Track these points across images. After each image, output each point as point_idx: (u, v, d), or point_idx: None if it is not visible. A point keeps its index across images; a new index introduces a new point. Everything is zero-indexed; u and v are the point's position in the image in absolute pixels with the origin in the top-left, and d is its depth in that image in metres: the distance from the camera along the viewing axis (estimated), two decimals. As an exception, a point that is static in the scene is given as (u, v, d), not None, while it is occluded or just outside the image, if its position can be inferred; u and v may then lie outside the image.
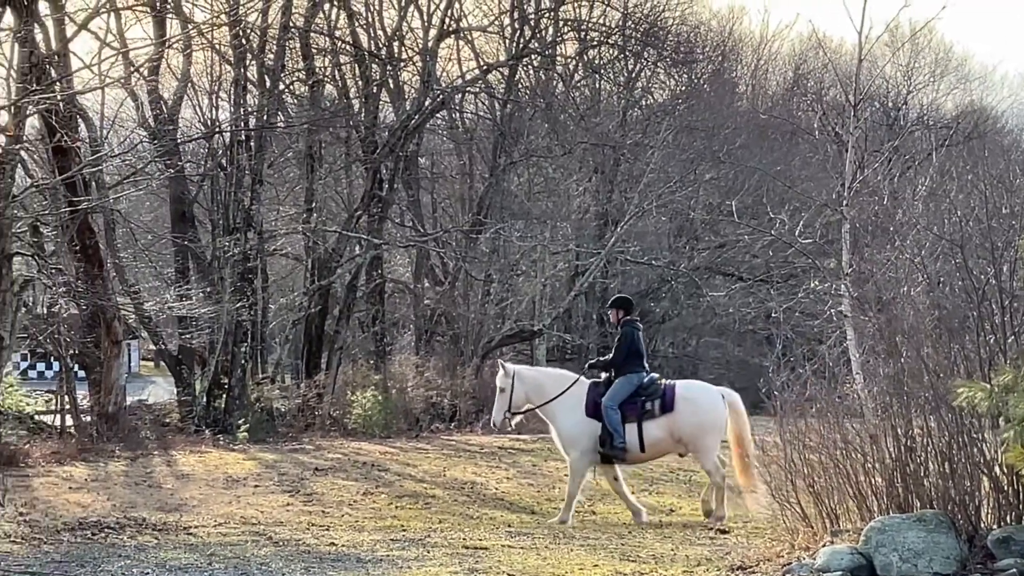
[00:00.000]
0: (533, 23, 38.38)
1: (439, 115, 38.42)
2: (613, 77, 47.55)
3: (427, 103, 34.95)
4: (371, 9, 35.96)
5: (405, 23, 36.50)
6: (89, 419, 26.58)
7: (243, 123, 30.44)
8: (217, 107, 32.16)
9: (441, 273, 38.82)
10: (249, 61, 30.56)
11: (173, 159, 30.17)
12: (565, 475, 20.40)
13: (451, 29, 37.14)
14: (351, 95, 36.18)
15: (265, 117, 30.76)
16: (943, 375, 11.66)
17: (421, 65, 35.60)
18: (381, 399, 30.49)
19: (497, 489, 20.42)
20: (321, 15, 34.37)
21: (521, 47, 37.90)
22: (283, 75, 32.37)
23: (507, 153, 37.70)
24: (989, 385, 10.48)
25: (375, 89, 35.49)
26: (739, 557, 12.28)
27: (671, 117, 44.06)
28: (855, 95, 31.89)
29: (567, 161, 40.72)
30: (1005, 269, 12.55)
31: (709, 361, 55.28)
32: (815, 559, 11.09)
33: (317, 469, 22.20)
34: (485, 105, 40.67)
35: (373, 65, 35.33)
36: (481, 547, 13.45)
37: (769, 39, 59.73)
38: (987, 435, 11.36)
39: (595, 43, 42.98)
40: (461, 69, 39.78)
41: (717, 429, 17.52)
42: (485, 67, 38.77)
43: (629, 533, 15.30)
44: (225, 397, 29.13)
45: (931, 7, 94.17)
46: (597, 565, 12.30)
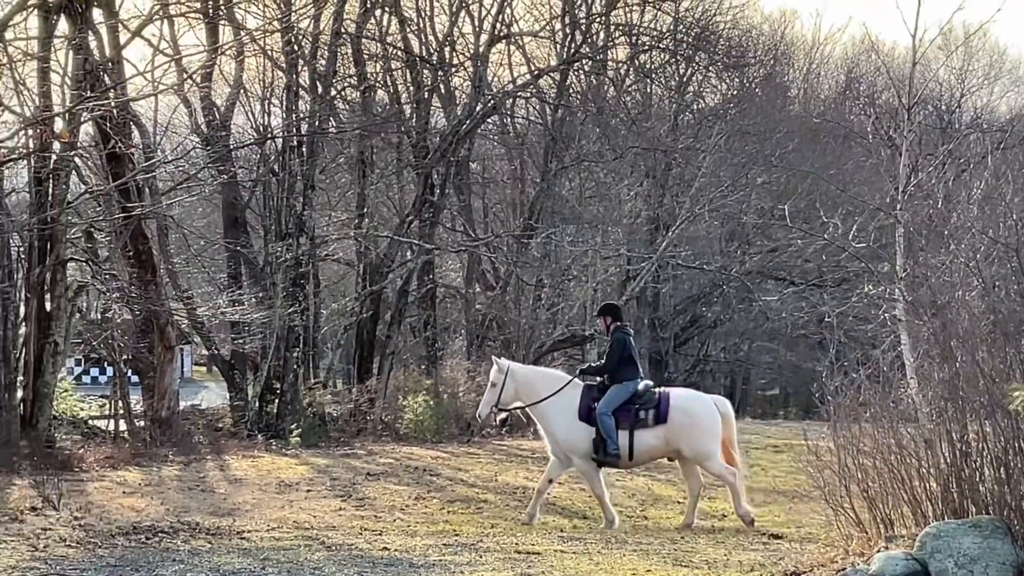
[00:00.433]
0: (584, 28, 38.36)
1: (490, 120, 38.53)
2: (664, 81, 47.53)
3: (478, 108, 35.05)
4: (422, 15, 36.15)
5: (456, 28, 36.64)
6: (143, 424, 26.73)
7: (295, 129, 30.53)
8: (269, 113, 32.29)
9: (492, 278, 38.82)
10: (301, 67, 30.65)
11: (225, 165, 30.39)
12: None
13: (502, 34, 37.18)
14: (402, 100, 36.30)
15: (317, 123, 30.87)
16: (999, 379, 11.56)
17: (472, 70, 35.70)
18: (433, 404, 30.47)
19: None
20: (373, 21, 34.47)
21: (572, 52, 37.88)
22: (335, 81, 32.44)
23: (558, 158, 37.68)
24: (1045, 390, 10.41)
25: (426, 94, 35.59)
26: (792, 563, 12.22)
27: (723, 121, 44.05)
28: (909, 98, 31.65)
29: (618, 166, 40.64)
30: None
31: (761, 366, 55.30)
32: (869, 565, 11.01)
33: (369, 474, 22.27)
34: (536, 110, 40.74)
35: (424, 70, 35.43)
36: (533, 552, 13.43)
37: (821, 43, 59.73)
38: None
39: (646, 47, 42.90)
40: (512, 74, 39.93)
41: (714, 435, 17.56)
42: (536, 72, 38.79)
43: (682, 538, 15.24)
44: (277, 402, 29.20)
45: (985, 9, 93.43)
46: (650, 570, 12.26)
